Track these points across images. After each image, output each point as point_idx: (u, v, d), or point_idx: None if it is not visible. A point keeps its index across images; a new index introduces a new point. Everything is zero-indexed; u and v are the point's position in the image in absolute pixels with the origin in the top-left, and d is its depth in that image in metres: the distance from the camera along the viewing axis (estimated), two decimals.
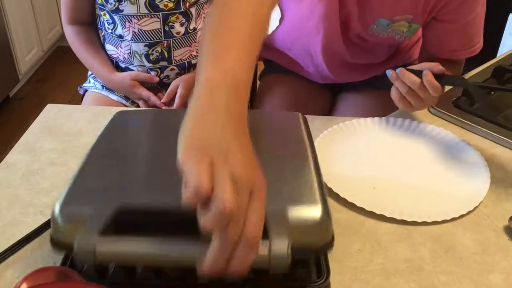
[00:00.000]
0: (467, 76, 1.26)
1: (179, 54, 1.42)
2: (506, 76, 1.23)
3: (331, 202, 0.88)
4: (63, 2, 1.42)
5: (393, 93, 1.04)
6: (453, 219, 0.85)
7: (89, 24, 1.45)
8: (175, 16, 1.35)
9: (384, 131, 1.06)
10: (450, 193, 0.91)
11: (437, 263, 0.78)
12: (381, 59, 1.33)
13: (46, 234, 0.82)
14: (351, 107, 1.37)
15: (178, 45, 1.40)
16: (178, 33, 1.38)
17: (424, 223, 0.84)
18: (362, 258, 0.78)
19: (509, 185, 0.93)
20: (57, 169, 0.97)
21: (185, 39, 1.40)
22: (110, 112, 1.13)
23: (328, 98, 1.44)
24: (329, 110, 1.42)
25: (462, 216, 0.85)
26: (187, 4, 1.35)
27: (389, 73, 1.02)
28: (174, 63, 1.42)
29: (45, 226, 0.83)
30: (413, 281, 0.74)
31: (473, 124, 1.07)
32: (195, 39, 1.43)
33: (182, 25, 1.37)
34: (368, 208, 0.85)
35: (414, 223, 0.84)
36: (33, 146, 1.04)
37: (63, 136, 1.07)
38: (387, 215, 0.84)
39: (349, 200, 0.87)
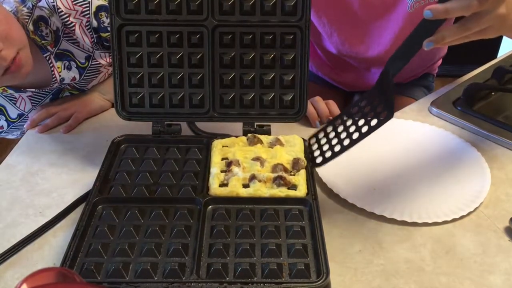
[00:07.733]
0: (468, 76, 1.26)
1: (94, 84, 1.17)
2: (506, 77, 1.23)
3: (331, 203, 0.88)
4: None
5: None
6: (453, 220, 0.85)
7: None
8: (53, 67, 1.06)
9: (385, 132, 1.06)
10: (450, 194, 0.91)
11: (437, 264, 0.77)
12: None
13: (46, 235, 0.82)
14: None
15: (84, 82, 1.15)
16: (73, 79, 1.10)
17: (425, 224, 0.84)
18: (363, 259, 0.78)
19: (510, 186, 0.93)
20: (57, 170, 0.97)
21: (87, 76, 1.13)
22: (110, 112, 1.14)
23: (338, 102, 1.47)
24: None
25: (462, 217, 0.85)
26: (49, 47, 1.05)
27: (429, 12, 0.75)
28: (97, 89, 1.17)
29: (45, 227, 0.83)
30: (414, 282, 0.74)
31: (473, 125, 1.07)
32: (98, 69, 1.13)
33: (69, 69, 1.08)
34: (368, 209, 0.85)
35: (414, 224, 0.83)
36: (33, 147, 1.04)
37: (63, 137, 1.07)
38: (388, 216, 0.84)
39: (350, 201, 0.86)
